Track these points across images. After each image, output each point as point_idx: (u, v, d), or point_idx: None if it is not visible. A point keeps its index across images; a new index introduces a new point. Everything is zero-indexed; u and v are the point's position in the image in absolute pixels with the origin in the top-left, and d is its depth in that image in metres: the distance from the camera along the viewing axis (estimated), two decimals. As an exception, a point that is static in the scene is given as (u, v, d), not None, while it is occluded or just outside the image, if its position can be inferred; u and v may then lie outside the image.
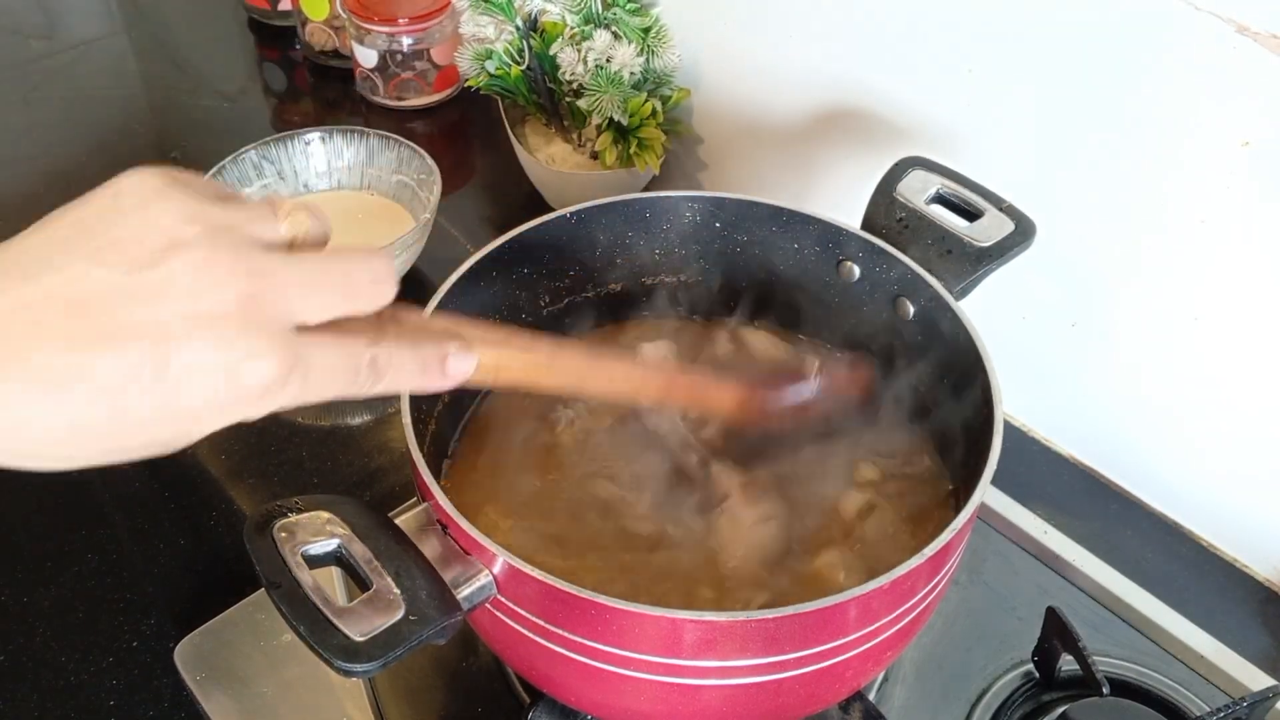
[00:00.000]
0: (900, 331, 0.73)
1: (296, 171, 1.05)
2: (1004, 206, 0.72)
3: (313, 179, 1.06)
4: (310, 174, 1.06)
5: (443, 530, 0.57)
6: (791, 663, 0.55)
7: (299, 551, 0.52)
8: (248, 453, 0.88)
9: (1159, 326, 0.80)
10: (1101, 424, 0.88)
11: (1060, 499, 0.87)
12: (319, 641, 0.49)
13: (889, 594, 0.55)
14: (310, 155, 1.06)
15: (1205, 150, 0.72)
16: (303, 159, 1.05)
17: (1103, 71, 0.75)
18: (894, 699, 0.72)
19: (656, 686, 0.56)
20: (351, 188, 1.07)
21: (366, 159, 1.06)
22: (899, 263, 0.71)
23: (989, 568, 0.80)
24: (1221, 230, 0.74)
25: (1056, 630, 0.70)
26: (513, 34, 1.03)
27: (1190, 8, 0.68)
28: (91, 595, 0.79)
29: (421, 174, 1.03)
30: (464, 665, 0.74)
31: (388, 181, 1.06)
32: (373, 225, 1.03)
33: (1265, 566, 0.82)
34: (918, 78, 0.87)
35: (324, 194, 1.06)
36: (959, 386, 0.68)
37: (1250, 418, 0.78)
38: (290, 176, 1.05)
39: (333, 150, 1.06)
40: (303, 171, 1.06)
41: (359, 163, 1.07)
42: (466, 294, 0.71)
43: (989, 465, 0.59)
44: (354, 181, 1.07)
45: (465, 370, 0.49)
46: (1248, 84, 0.68)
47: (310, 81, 1.31)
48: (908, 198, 0.73)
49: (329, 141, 1.06)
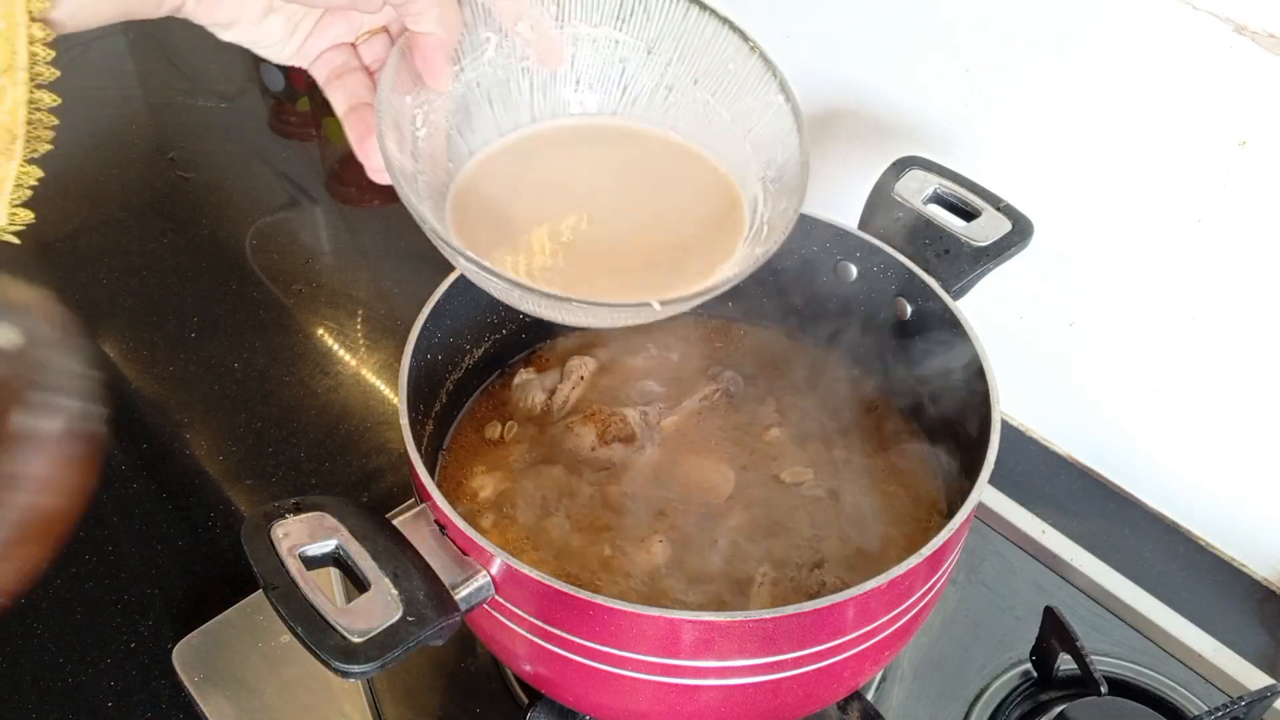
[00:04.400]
0: (898, 331, 0.73)
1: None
2: (1001, 206, 0.72)
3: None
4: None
5: (441, 531, 0.57)
6: (790, 662, 0.55)
7: (297, 552, 0.52)
8: (245, 454, 0.88)
9: (1156, 326, 0.80)
10: (1099, 423, 0.88)
11: (1058, 498, 0.87)
12: (317, 642, 0.49)
13: (887, 594, 0.55)
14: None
15: (1203, 149, 0.72)
16: None
17: (1100, 71, 0.75)
18: (892, 698, 0.72)
19: (655, 687, 0.56)
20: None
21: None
22: (896, 262, 0.71)
23: (987, 567, 0.80)
24: (1219, 229, 0.74)
25: (1054, 630, 0.70)
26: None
27: (1188, 7, 0.68)
28: (89, 596, 0.79)
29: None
30: (462, 666, 0.74)
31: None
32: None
33: (1263, 566, 0.82)
34: (915, 78, 0.87)
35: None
36: (957, 386, 0.68)
37: (1248, 417, 0.79)
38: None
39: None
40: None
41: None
42: (464, 295, 0.71)
43: (987, 465, 0.59)
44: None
45: None
46: (1245, 84, 0.68)
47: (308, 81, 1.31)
48: (905, 197, 0.73)
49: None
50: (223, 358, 0.96)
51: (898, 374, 0.76)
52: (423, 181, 0.55)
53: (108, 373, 0.95)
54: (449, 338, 0.71)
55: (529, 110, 0.60)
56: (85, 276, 1.03)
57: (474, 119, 0.58)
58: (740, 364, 0.79)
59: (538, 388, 0.76)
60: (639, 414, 0.73)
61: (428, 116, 0.56)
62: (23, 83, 0.45)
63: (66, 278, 1.03)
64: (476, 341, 0.75)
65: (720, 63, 0.58)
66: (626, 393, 0.76)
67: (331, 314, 1.01)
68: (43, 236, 1.04)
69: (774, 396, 0.76)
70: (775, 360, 0.79)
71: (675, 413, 0.75)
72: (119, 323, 1.00)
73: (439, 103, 0.56)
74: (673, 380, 0.77)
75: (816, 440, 0.74)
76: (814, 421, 0.75)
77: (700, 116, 0.60)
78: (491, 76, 0.58)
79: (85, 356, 0.50)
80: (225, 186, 1.15)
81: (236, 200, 1.14)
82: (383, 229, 1.13)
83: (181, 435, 0.89)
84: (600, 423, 0.72)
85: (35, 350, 0.51)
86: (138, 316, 1.00)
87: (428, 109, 0.55)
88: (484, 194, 0.58)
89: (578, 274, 0.55)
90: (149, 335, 0.98)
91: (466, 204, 0.57)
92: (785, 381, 0.78)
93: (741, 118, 0.59)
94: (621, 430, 0.72)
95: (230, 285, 1.03)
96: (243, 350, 0.96)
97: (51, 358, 0.50)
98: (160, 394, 0.93)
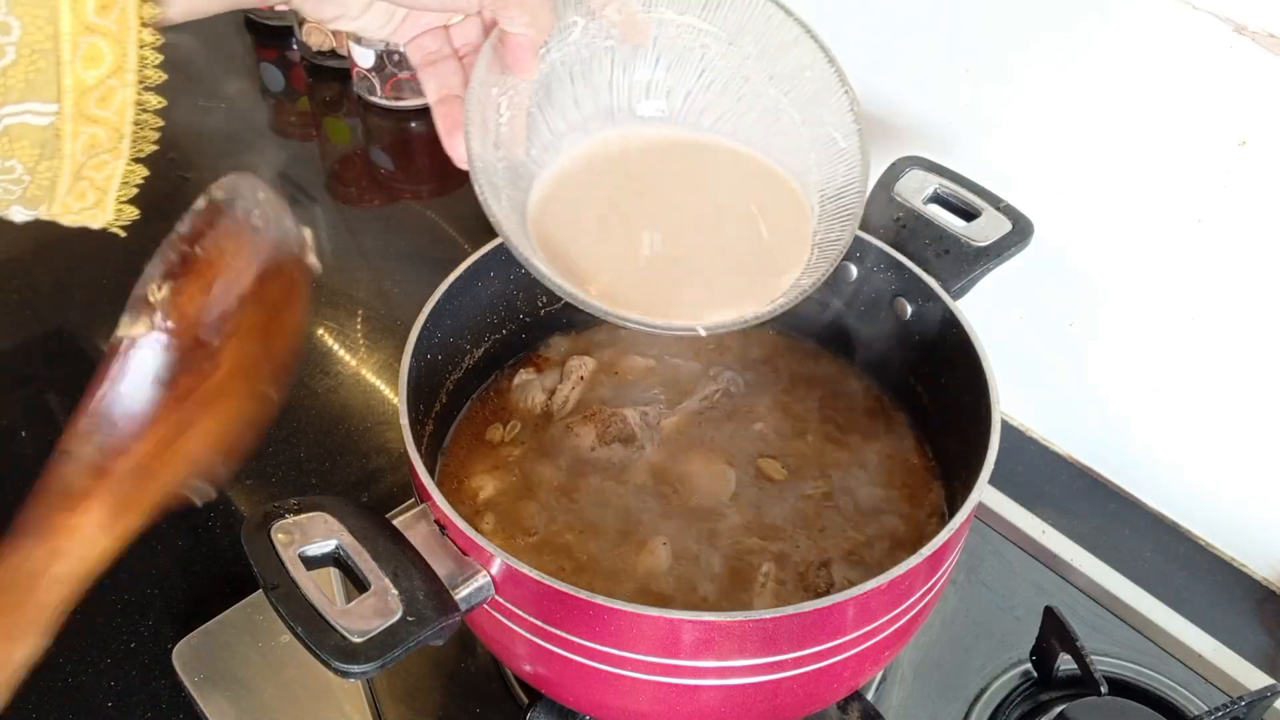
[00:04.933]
0: (898, 331, 0.73)
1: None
2: (1001, 206, 0.72)
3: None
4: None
5: (441, 531, 0.57)
6: (789, 663, 0.55)
7: (297, 552, 0.52)
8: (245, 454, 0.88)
9: (1156, 326, 0.80)
10: (1099, 423, 0.88)
11: (1058, 498, 0.87)
12: (317, 642, 0.49)
13: (886, 594, 0.55)
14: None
15: (1202, 149, 0.72)
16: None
17: (1100, 71, 0.75)
18: (892, 698, 0.72)
19: (655, 687, 0.56)
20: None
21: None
22: (897, 262, 0.72)
23: (987, 567, 0.80)
24: (1218, 229, 0.74)
25: (1054, 630, 0.70)
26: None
27: (1188, 7, 0.68)
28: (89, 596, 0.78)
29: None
30: (462, 666, 0.74)
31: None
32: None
33: (1263, 565, 0.82)
34: (916, 77, 0.87)
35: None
36: (956, 386, 0.68)
37: (1248, 417, 0.79)
38: None
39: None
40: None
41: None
42: (464, 295, 0.71)
43: (986, 465, 0.60)
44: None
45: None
46: (1245, 84, 0.68)
47: (307, 81, 1.31)
48: (905, 197, 0.73)
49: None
50: (223, 358, 0.96)
51: (898, 374, 0.76)
52: (501, 169, 0.57)
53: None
54: (449, 338, 0.71)
55: (608, 88, 0.62)
56: (85, 276, 1.03)
57: (554, 95, 0.60)
58: (740, 364, 0.79)
59: (538, 388, 0.76)
60: (639, 414, 0.73)
61: (511, 100, 0.58)
62: (131, 84, 0.46)
63: (67, 278, 1.02)
64: (476, 342, 0.75)
65: (798, 68, 0.60)
66: (626, 393, 0.76)
67: (331, 314, 1.01)
68: (43, 236, 1.04)
69: (774, 397, 0.76)
70: (775, 361, 0.79)
71: (675, 413, 0.75)
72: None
73: (523, 87, 0.58)
74: (673, 381, 0.77)
75: (816, 440, 0.74)
76: (814, 422, 0.75)
77: (770, 113, 0.62)
78: (576, 56, 0.60)
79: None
80: (225, 186, 1.15)
81: (236, 200, 1.14)
82: (383, 229, 1.13)
83: (181, 435, 0.89)
84: (600, 423, 0.72)
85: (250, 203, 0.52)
86: (138, 316, 1.00)
87: (512, 94, 0.57)
88: (557, 208, 0.60)
89: (633, 286, 0.58)
90: (149, 335, 0.98)
91: (541, 214, 0.59)
92: (785, 382, 0.78)
93: (811, 123, 0.61)
94: (621, 430, 0.72)
95: (230, 285, 1.03)
96: (243, 350, 0.96)
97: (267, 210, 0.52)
98: (160, 394, 0.93)
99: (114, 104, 0.46)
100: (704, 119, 0.63)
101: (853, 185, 0.59)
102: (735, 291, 0.58)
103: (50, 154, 0.46)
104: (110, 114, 0.46)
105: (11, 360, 0.97)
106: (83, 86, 0.45)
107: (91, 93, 0.45)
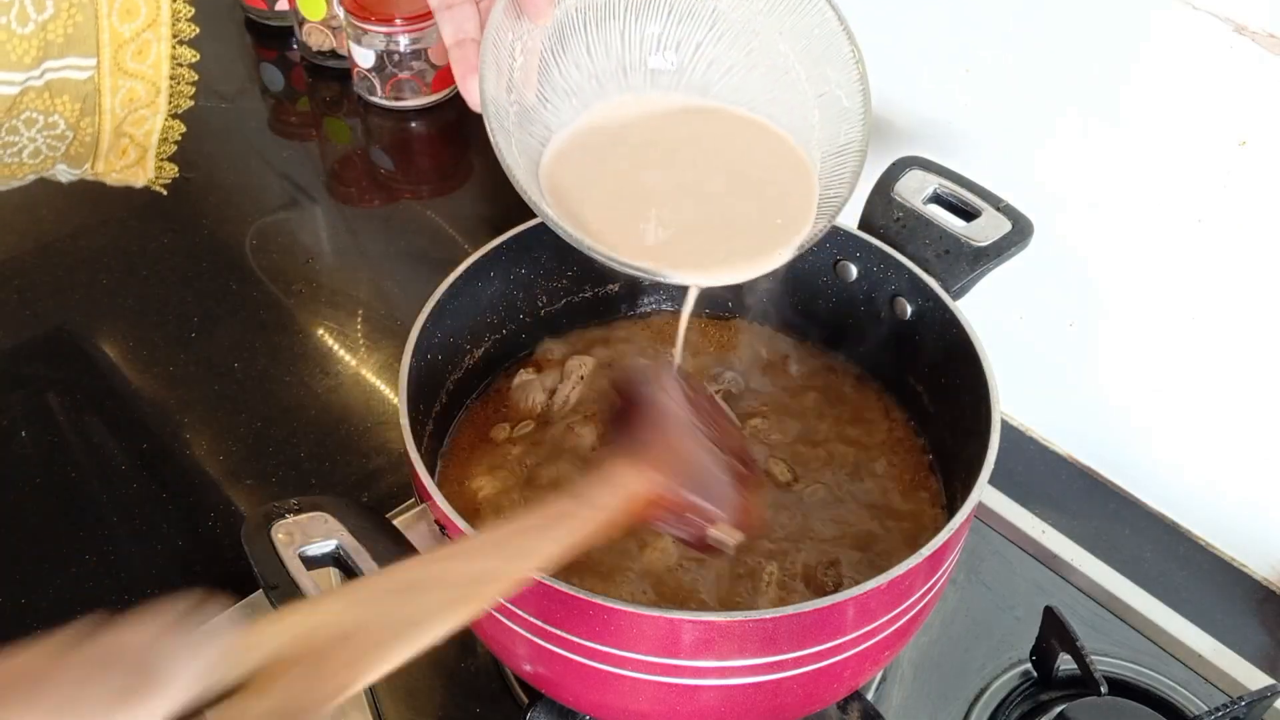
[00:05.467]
0: (898, 331, 0.73)
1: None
2: (1001, 206, 0.72)
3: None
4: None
5: (441, 531, 0.57)
6: (789, 662, 0.55)
7: (297, 552, 0.53)
8: (246, 454, 0.88)
9: (1156, 326, 0.80)
10: (1099, 423, 0.88)
11: (1058, 498, 0.87)
12: (317, 642, 0.49)
13: (886, 594, 0.55)
14: None
15: (1202, 149, 0.72)
16: None
17: (1100, 71, 0.75)
18: (892, 698, 0.72)
19: (655, 687, 0.56)
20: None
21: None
22: (896, 262, 0.72)
23: (987, 567, 0.80)
24: (1218, 230, 0.74)
25: (1054, 629, 0.70)
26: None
27: (1188, 7, 0.68)
28: (89, 596, 0.79)
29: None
30: (462, 666, 0.74)
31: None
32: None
33: (1263, 565, 0.82)
34: (915, 77, 0.87)
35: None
36: (956, 386, 0.68)
37: (1247, 417, 0.79)
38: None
39: None
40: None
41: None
42: (464, 295, 0.71)
43: (986, 464, 0.60)
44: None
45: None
46: (1245, 84, 0.68)
47: (308, 81, 1.31)
48: (905, 197, 0.73)
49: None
50: (223, 358, 0.96)
51: (898, 374, 0.76)
52: (513, 112, 0.58)
53: (108, 373, 0.95)
54: (449, 338, 0.71)
55: (620, 37, 0.63)
56: (85, 276, 1.03)
57: (568, 40, 0.61)
58: (740, 365, 0.79)
59: (538, 388, 0.76)
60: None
61: (526, 45, 0.59)
62: (165, 38, 0.47)
63: (66, 278, 1.03)
64: (476, 341, 0.75)
65: (808, 27, 0.61)
66: (626, 393, 0.76)
67: (331, 314, 1.01)
68: (43, 236, 1.04)
69: (773, 397, 0.76)
70: (775, 361, 0.79)
71: (675, 413, 0.74)
72: (119, 323, 1.00)
73: (536, 32, 0.59)
74: (673, 380, 0.77)
75: (816, 440, 0.74)
76: (814, 422, 0.75)
77: (778, 70, 0.63)
78: (590, 4, 0.61)
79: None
80: (225, 186, 1.15)
81: (236, 200, 1.14)
82: (383, 229, 1.13)
83: (181, 435, 0.89)
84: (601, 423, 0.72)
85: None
86: (138, 316, 1.00)
87: (526, 39, 0.59)
88: (568, 168, 0.61)
89: (639, 238, 0.60)
90: (149, 335, 0.98)
91: (555, 170, 0.61)
92: (785, 382, 0.78)
93: (817, 81, 0.62)
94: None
95: (230, 285, 1.03)
96: (243, 350, 0.96)
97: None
98: (160, 394, 0.93)
99: (150, 57, 0.47)
100: (712, 71, 0.64)
101: (853, 144, 0.61)
102: (739, 248, 0.60)
103: (90, 109, 0.46)
104: (146, 67, 0.47)
105: (11, 360, 0.97)
106: (119, 40, 0.46)
107: (128, 46, 0.46)
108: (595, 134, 0.62)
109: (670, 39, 0.64)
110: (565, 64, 0.61)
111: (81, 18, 0.44)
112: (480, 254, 0.71)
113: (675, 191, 0.62)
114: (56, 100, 0.45)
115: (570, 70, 0.62)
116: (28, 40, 0.43)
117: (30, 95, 0.45)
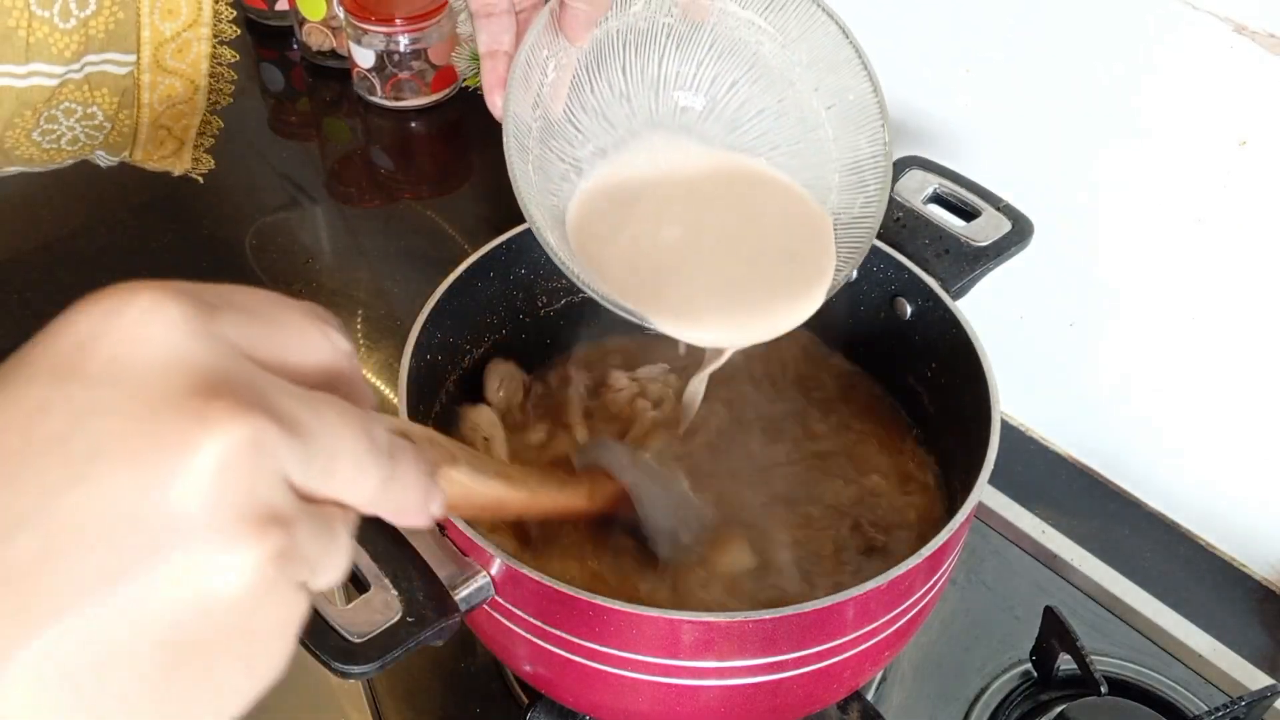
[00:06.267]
0: (898, 331, 0.73)
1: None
2: (1001, 206, 0.72)
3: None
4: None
5: (440, 532, 0.57)
6: (790, 663, 0.55)
7: (297, 553, 0.52)
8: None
9: (1156, 326, 0.80)
10: (1099, 423, 0.88)
11: (1058, 498, 0.87)
12: (316, 643, 0.49)
13: (886, 594, 0.55)
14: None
15: (1202, 149, 0.72)
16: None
17: (1100, 71, 0.75)
18: (892, 699, 0.72)
19: (655, 687, 0.56)
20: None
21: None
22: (896, 262, 0.71)
23: (987, 567, 0.80)
24: (1219, 229, 0.74)
25: (1054, 630, 0.70)
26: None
27: (1189, 8, 0.68)
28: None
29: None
30: (462, 666, 0.74)
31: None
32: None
33: (1263, 565, 0.82)
34: (915, 77, 0.87)
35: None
36: (956, 386, 0.68)
37: (1247, 417, 0.79)
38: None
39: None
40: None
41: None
42: (464, 295, 0.71)
43: (986, 464, 0.60)
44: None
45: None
46: (1245, 84, 0.68)
47: (307, 82, 1.31)
48: (905, 197, 0.73)
49: None
50: (223, 358, 0.96)
51: (898, 374, 0.76)
52: (536, 129, 0.59)
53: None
54: (449, 338, 0.71)
55: (658, 64, 0.63)
56: (85, 276, 1.03)
57: (604, 60, 0.61)
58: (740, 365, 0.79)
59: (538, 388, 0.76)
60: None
61: (559, 62, 0.59)
62: (206, 38, 0.48)
63: (67, 278, 1.02)
64: (476, 341, 0.75)
65: (843, 89, 0.62)
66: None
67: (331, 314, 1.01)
68: (43, 237, 1.04)
69: (772, 398, 0.76)
70: (774, 361, 0.79)
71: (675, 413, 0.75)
72: (119, 323, 1.00)
73: (572, 51, 0.59)
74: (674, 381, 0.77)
75: (816, 441, 0.74)
76: (813, 422, 0.75)
77: (807, 125, 0.64)
78: (633, 27, 0.61)
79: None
80: (225, 186, 1.15)
81: (236, 200, 1.14)
82: (383, 229, 1.13)
83: (181, 435, 0.89)
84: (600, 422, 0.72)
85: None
86: (138, 316, 1.00)
87: (561, 56, 0.59)
88: (589, 220, 0.62)
89: (643, 284, 0.60)
90: (149, 335, 0.98)
91: (573, 225, 0.61)
92: (784, 382, 0.78)
93: (843, 146, 0.63)
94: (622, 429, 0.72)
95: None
96: (243, 350, 0.96)
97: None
98: (160, 394, 0.93)
99: (189, 56, 0.48)
100: (744, 111, 0.64)
101: (866, 220, 0.61)
102: (760, 311, 0.61)
103: (129, 102, 0.47)
104: (185, 66, 0.48)
105: (11, 360, 0.97)
106: (160, 38, 0.46)
107: (168, 45, 0.47)
108: (618, 187, 0.62)
109: (708, 73, 0.64)
110: (599, 82, 0.61)
111: (124, 15, 0.44)
112: (480, 254, 0.71)
113: (697, 251, 0.62)
114: (95, 93, 0.46)
115: (603, 89, 0.62)
116: (69, 35, 0.44)
117: (69, 87, 0.45)
